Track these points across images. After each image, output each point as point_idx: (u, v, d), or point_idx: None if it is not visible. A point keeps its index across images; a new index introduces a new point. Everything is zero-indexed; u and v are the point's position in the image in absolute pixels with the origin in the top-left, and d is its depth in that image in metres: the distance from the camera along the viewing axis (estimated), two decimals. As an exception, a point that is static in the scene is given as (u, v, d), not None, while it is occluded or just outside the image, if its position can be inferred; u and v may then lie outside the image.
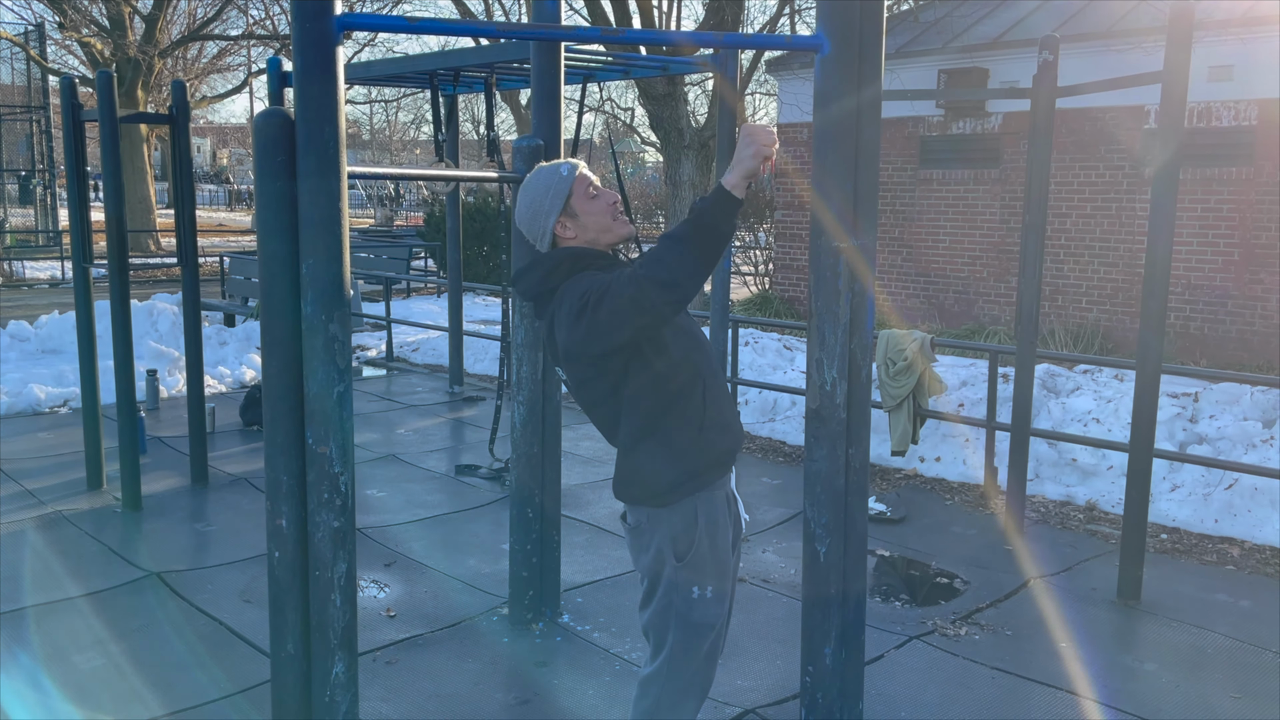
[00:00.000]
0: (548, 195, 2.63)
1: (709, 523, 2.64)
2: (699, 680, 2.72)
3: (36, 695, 3.67)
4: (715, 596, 2.66)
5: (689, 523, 2.62)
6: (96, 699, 3.66)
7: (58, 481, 6.26)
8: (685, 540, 2.61)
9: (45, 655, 3.98)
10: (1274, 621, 4.47)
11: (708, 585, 2.64)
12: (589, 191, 2.63)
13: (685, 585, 2.62)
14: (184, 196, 6.07)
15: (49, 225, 25.01)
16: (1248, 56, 9.95)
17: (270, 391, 2.42)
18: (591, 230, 2.64)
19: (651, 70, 6.78)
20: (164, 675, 3.83)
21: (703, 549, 2.62)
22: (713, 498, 2.65)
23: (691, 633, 2.66)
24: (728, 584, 2.71)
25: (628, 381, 2.57)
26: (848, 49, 2.49)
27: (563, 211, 2.62)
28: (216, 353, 10.17)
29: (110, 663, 3.92)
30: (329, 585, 2.43)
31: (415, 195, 36.16)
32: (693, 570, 2.62)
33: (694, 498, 2.62)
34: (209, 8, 25.45)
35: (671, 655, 2.68)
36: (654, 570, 2.67)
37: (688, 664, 2.68)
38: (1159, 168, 4.46)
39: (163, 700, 3.65)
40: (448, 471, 6.67)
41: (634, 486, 2.64)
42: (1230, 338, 10.35)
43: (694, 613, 2.64)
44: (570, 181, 2.62)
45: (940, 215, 12.55)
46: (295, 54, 2.25)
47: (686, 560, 2.62)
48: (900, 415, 6.56)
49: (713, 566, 2.64)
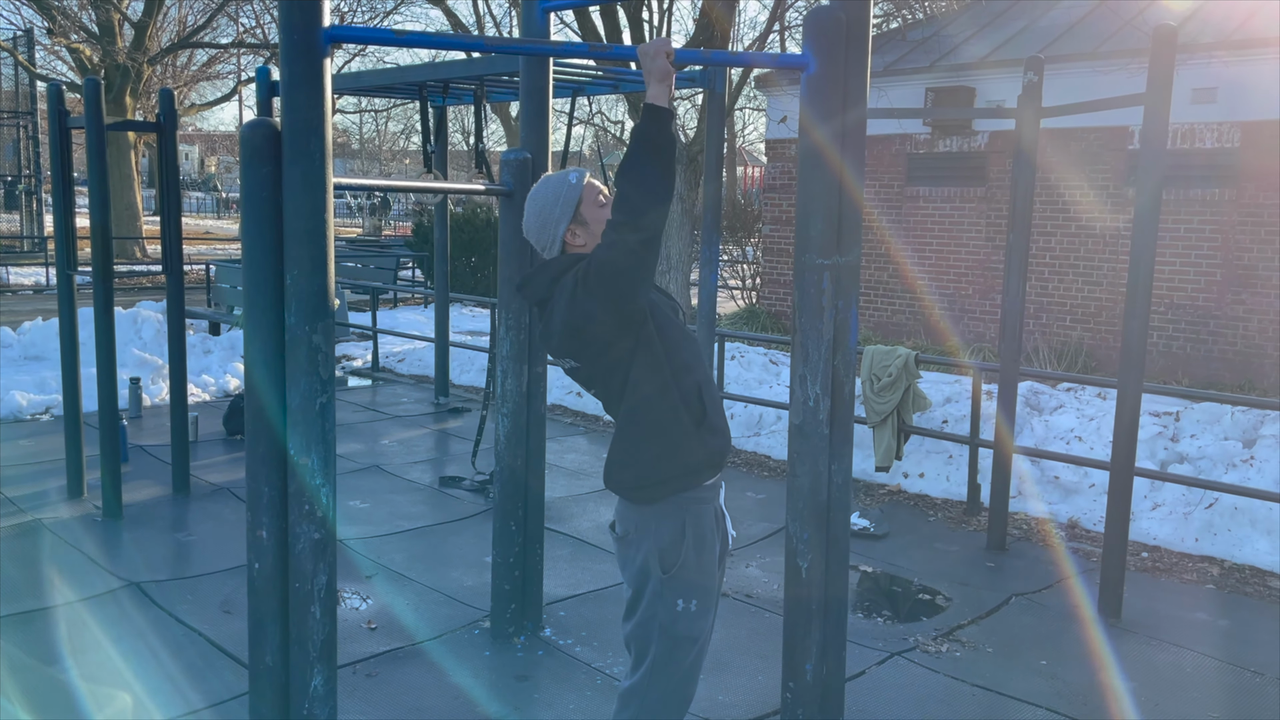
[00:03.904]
0: (557, 204, 2.64)
1: (696, 537, 2.64)
2: (680, 694, 2.72)
3: (8, 706, 3.64)
4: (699, 611, 2.65)
5: (677, 535, 2.62)
6: (73, 711, 3.62)
7: (38, 489, 6.22)
8: (673, 553, 2.62)
9: (20, 665, 3.94)
10: (1253, 641, 4.50)
11: (692, 599, 2.64)
12: (598, 200, 2.64)
13: (670, 597, 2.62)
14: (170, 204, 6.06)
15: (34, 231, 24.89)
16: (1231, 79, 10.05)
17: (253, 402, 2.41)
18: (598, 238, 2.64)
19: (641, 85, 6.80)
20: (142, 687, 3.80)
21: (689, 562, 2.62)
22: (701, 511, 2.66)
23: (674, 646, 2.65)
24: (712, 599, 2.71)
25: (633, 365, 2.58)
26: (834, 67, 2.51)
27: (573, 219, 2.63)
28: (201, 361, 10.12)
29: (87, 674, 3.89)
30: (309, 597, 2.43)
31: (403, 205, 36.13)
32: (678, 583, 2.62)
33: (683, 507, 2.62)
34: (199, 15, 25.43)
35: (653, 668, 2.67)
36: (640, 581, 2.67)
37: (669, 677, 2.68)
38: (1142, 189, 4.50)
39: (140, 712, 3.62)
40: (431, 483, 6.65)
41: (627, 472, 2.63)
42: (1212, 357, 10.43)
43: (678, 626, 2.64)
44: (580, 190, 2.63)
45: (926, 232, 12.61)
46: (283, 65, 2.26)
47: (672, 572, 2.62)
48: (885, 431, 6.58)
49: (698, 580, 2.64)
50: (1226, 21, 10.51)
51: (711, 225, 6.63)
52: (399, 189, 3.47)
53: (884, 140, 12.63)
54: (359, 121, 48.46)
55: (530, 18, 4.02)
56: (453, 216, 17.06)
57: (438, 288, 9.45)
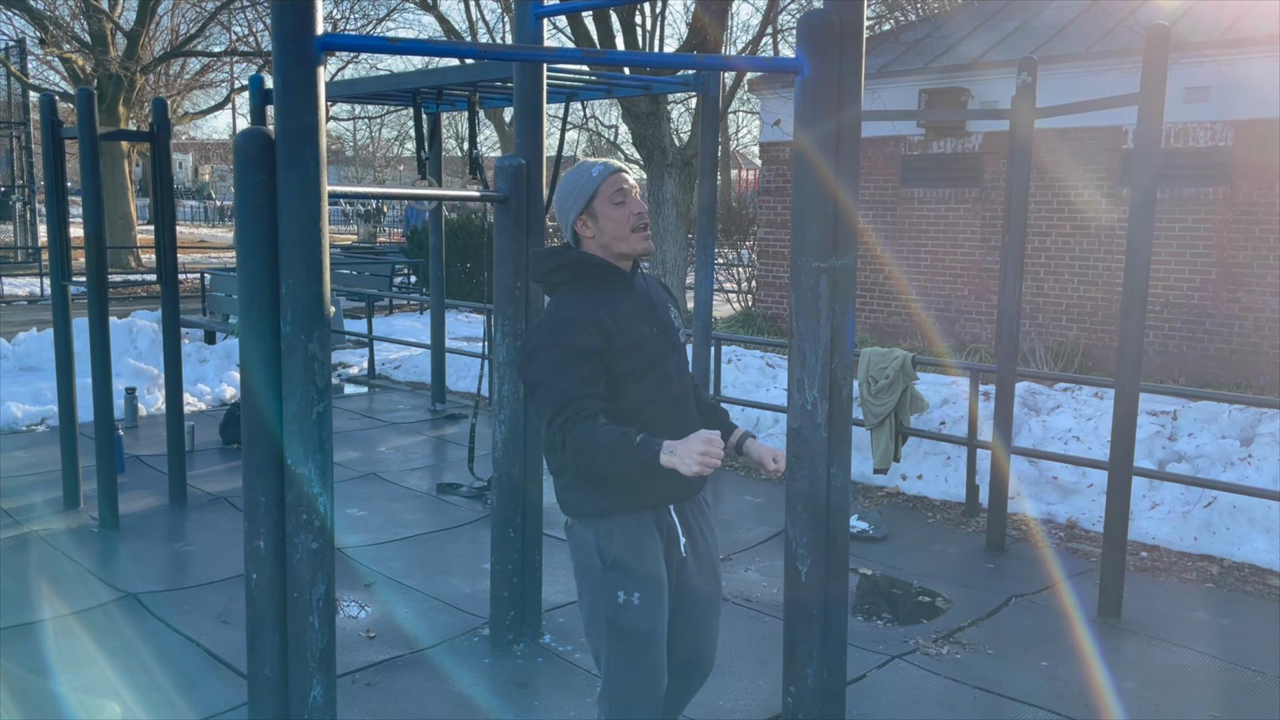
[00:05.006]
0: (573, 192, 2.65)
1: (622, 532, 2.62)
2: (644, 693, 2.63)
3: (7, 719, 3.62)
4: (644, 604, 2.60)
5: (608, 532, 2.63)
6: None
7: (34, 501, 6.19)
8: (607, 543, 2.62)
9: (17, 678, 3.92)
10: (1253, 640, 4.49)
11: (634, 591, 2.59)
12: (614, 197, 2.63)
13: (611, 589, 2.60)
14: (164, 214, 6.05)
15: (28, 241, 24.84)
16: (1224, 78, 10.08)
17: (249, 411, 2.40)
18: (607, 235, 2.64)
19: (634, 90, 6.81)
20: (139, 699, 3.78)
21: (625, 555, 2.61)
22: (628, 518, 2.64)
23: (621, 640, 2.60)
24: (661, 594, 2.64)
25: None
26: (827, 70, 2.51)
27: (584, 210, 2.64)
28: (196, 370, 10.10)
29: (85, 686, 3.87)
30: (307, 607, 2.41)
31: (397, 211, 36.10)
32: (618, 574, 2.60)
33: (611, 519, 2.63)
34: (192, 24, 25.40)
35: (609, 666, 2.64)
36: (584, 573, 2.68)
37: (627, 675, 2.62)
38: (1136, 188, 4.51)
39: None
40: (429, 490, 6.64)
41: (562, 498, 2.71)
42: (1208, 356, 10.44)
43: (622, 619, 2.59)
44: (597, 183, 2.63)
45: (921, 234, 12.62)
46: (276, 74, 2.25)
47: (609, 563, 2.61)
48: (882, 433, 6.57)
49: (640, 572, 2.60)
50: (1218, 20, 10.54)
51: (706, 229, 6.63)
52: (393, 196, 3.46)
53: (878, 142, 12.65)
54: (353, 128, 48.47)
55: (523, 23, 4.01)
56: (448, 222, 17.07)
57: (433, 294, 9.43)
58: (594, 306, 2.58)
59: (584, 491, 2.64)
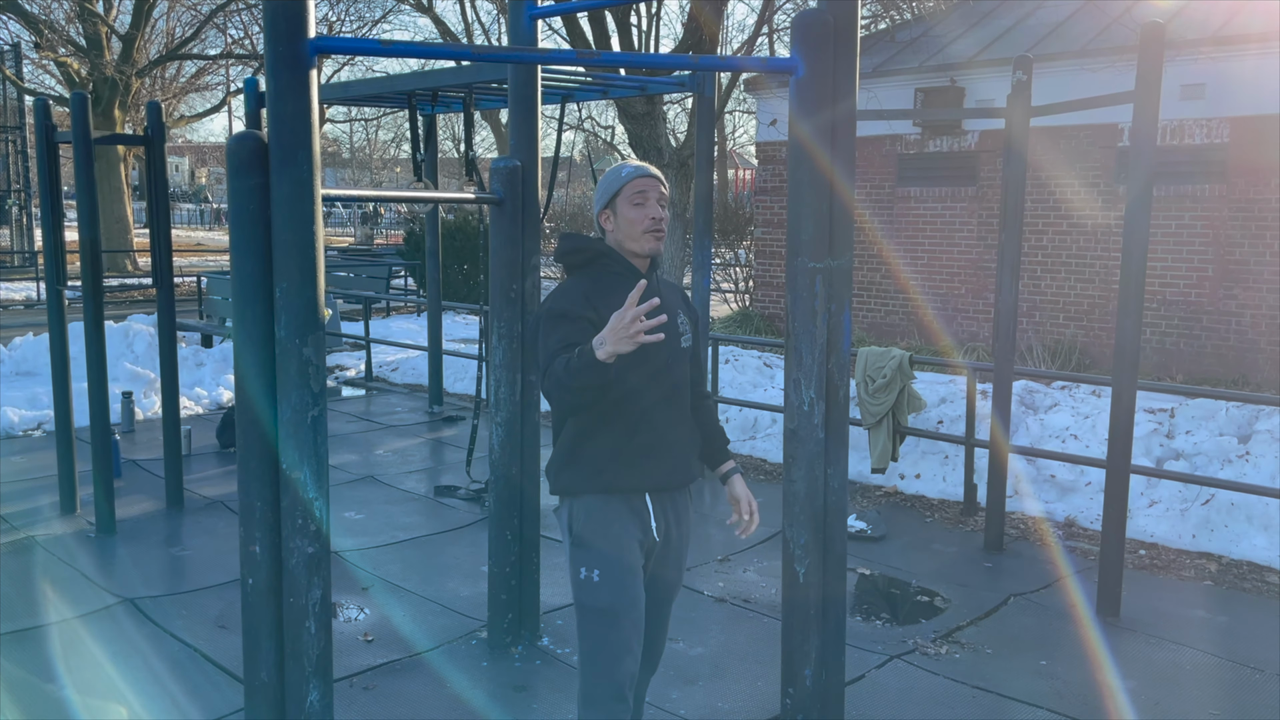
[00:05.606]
0: (602, 188, 2.86)
1: (586, 511, 2.72)
2: (606, 674, 2.65)
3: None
4: (604, 582, 2.67)
5: (576, 509, 2.75)
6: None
7: (30, 506, 6.18)
8: (575, 522, 2.75)
9: (16, 683, 3.91)
10: (1252, 637, 4.49)
11: (594, 568, 2.68)
12: (634, 199, 2.78)
13: (575, 564, 2.73)
14: (159, 217, 6.04)
15: (24, 246, 24.81)
16: (1219, 75, 10.08)
17: (244, 416, 2.39)
18: (622, 232, 2.79)
19: (630, 90, 6.81)
20: (137, 704, 3.77)
21: (586, 532, 2.71)
22: (597, 498, 2.73)
23: (584, 615, 2.71)
24: (624, 576, 2.69)
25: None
26: (822, 70, 2.50)
27: (607, 205, 2.82)
28: (193, 374, 10.08)
29: (83, 691, 3.86)
30: (303, 612, 2.41)
31: (394, 213, 36.08)
32: (581, 550, 2.71)
33: (581, 497, 2.75)
34: (187, 27, 25.38)
35: (580, 640, 2.74)
36: (565, 550, 2.82)
37: (590, 651, 2.70)
38: (1132, 185, 4.50)
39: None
40: (427, 493, 6.63)
41: (547, 475, 2.88)
42: (1205, 353, 10.44)
43: (583, 594, 2.70)
44: (623, 183, 2.79)
45: (918, 233, 12.62)
46: (269, 77, 2.24)
47: (575, 539, 2.73)
48: (880, 432, 6.57)
49: (600, 551, 2.69)
50: (1213, 17, 10.55)
51: (703, 229, 6.62)
52: (389, 199, 3.46)
53: (874, 141, 12.65)
54: (349, 130, 48.47)
55: (518, 25, 4.01)
56: (444, 224, 17.05)
57: (430, 295, 9.43)
58: (600, 291, 2.71)
59: (561, 469, 2.79)
